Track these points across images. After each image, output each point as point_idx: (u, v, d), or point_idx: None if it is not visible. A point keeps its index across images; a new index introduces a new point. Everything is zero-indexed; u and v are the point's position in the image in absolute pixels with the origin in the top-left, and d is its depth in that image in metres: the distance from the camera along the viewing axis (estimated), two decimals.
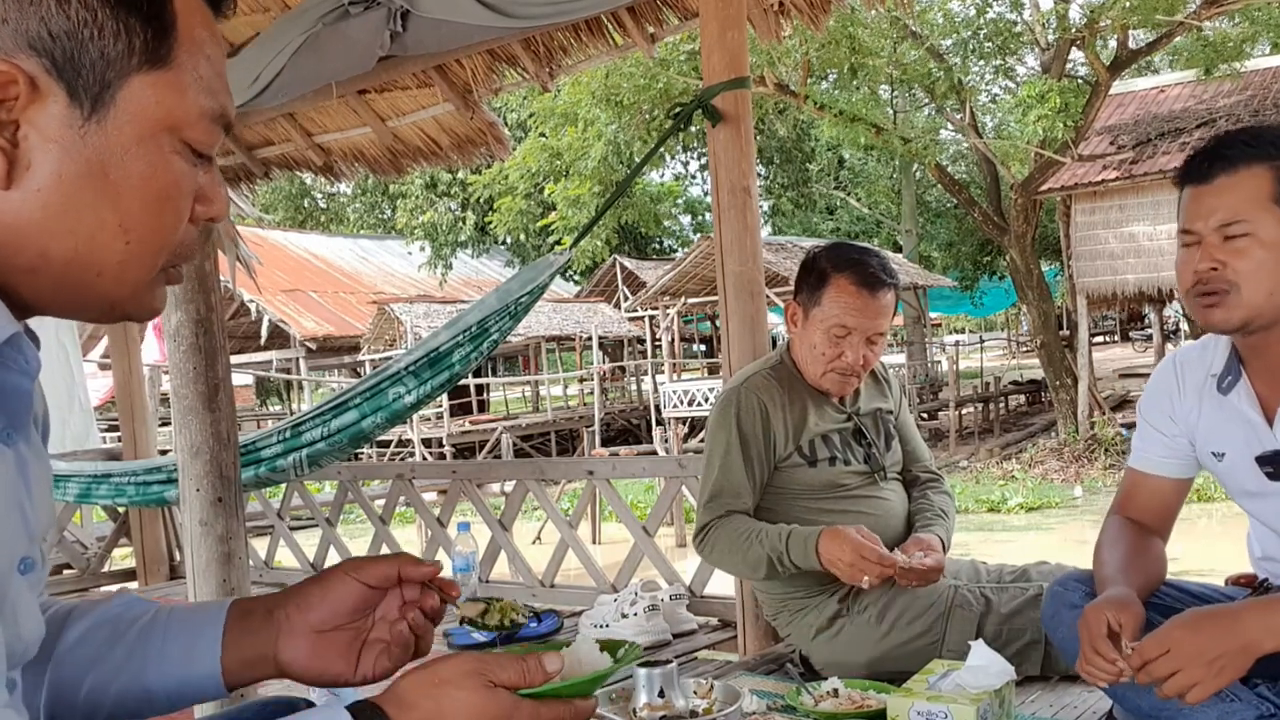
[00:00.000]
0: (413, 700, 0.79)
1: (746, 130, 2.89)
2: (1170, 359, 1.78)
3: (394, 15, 3.19)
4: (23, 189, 0.69)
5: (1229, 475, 1.69)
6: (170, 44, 0.72)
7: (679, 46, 13.07)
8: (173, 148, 0.74)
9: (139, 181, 0.72)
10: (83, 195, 0.70)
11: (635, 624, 3.00)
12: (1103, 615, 1.52)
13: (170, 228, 0.75)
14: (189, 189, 0.76)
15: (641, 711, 1.90)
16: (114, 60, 0.70)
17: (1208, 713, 1.58)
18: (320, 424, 3.66)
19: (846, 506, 2.42)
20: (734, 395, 2.44)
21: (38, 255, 0.71)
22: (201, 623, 0.93)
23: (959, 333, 33.19)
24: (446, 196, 23.10)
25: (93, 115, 0.70)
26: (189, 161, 0.75)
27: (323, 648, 0.93)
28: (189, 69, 0.74)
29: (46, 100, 0.68)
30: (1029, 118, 12.72)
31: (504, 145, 4.21)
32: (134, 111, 0.71)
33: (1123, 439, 13.26)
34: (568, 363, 24.46)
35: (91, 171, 0.70)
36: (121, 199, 0.72)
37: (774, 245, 17.58)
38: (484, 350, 3.46)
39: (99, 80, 0.69)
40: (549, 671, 0.83)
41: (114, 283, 0.74)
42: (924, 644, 2.25)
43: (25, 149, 0.69)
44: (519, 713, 0.81)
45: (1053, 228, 17.76)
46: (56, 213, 0.70)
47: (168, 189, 0.74)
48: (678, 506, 9.82)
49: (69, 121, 0.69)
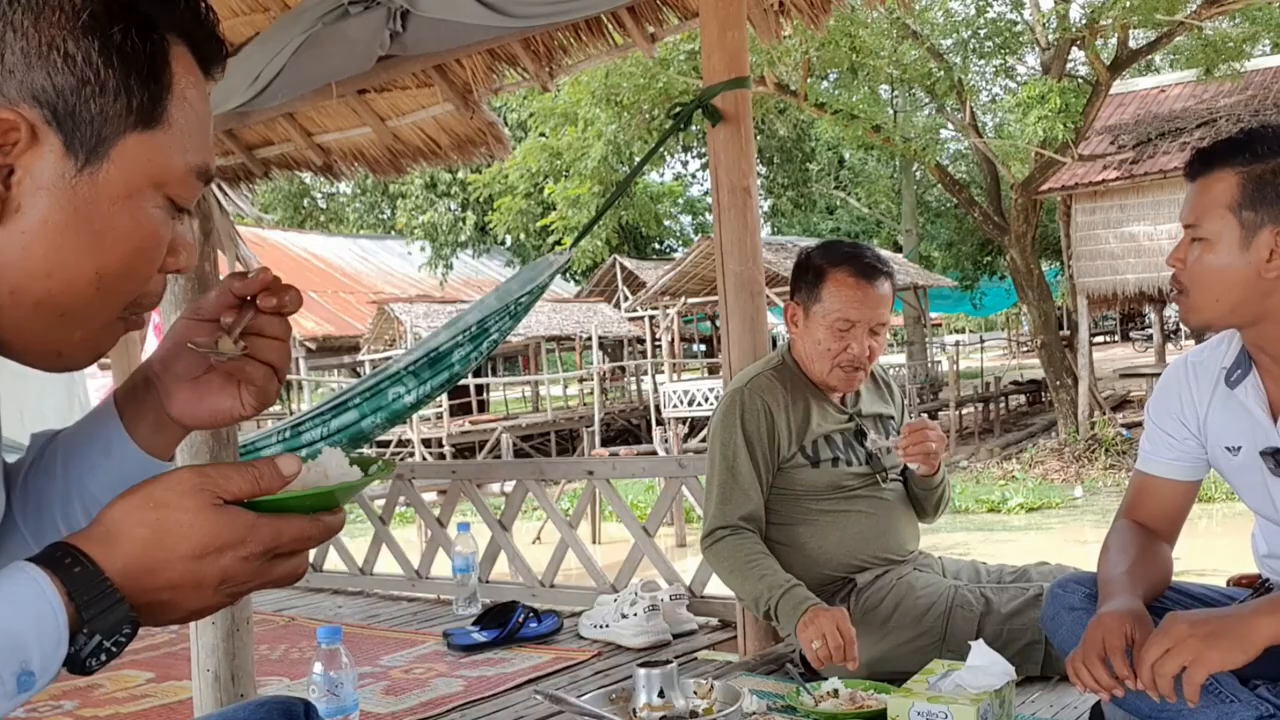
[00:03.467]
0: (123, 530, 0.68)
1: (746, 130, 2.89)
2: (1182, 359, 1.77)
3: (394, 15, 3.18)
4: (8, 229, 0.71)
5: (1241, 471, 1.68)
6: (164, 105, 0.75)
7: (679, 46, 13.06)
8: (155, 202, 0.76)
9: (122, 234, 0.74)
10: (66, 241, 0.72)
11: (635, 624, 3.00)
12: (1123, 628, 1.48)
13: (143, 277, 0.78)
14: (165, 241, 0.78)
15: (641, 711, 1.90)
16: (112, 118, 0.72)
17: (1207, 713, 1.58)
18: (320, 424, 3.66)
19: (848, 507, 2.42)
20: (738, 397, 2.43)
21: (8, 293, 0.73)
22: (102, 420, 0.92)
23: (959, 333, 33.18)
24: (446, 196, 23.10)
25: (85, 167, 0.72)
26: (169, 214, 0.78)
27: (202, 392, 0.89)
28: (179, 128, 0.76)
29: (43, 149, 0.71)
30: (1029, 117, 12.71)
31: (504, 145, 4.21)
32: (125, 167, 0.74)
33: (1123, 439, 13.26)
34: (568, 363, 24.46)
35: (77, 220, 0.72)
36: (102, 249, 0.74)
37: (774, 245, 17.57)
38: (484, 350, 3.46)
39: (95, 135, 0.72)
40: (285, 475, 0.72)
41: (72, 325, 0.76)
42: (925, 643, 2.25)
43: (17, 193, 0.71)
44: (256, 532, 0.69)
45: (1053, 227, 17.75)
46: (38, 256, 0.72)
47: (146, 241, 0.76)
48: (678, 506, 9.81)
49: (62, 171, 0.72)
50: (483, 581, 3.84)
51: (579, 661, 2.92)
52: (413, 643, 3.32)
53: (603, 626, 3.10)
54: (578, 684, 2.70)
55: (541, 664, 2.92)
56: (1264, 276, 1.51)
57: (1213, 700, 1.57)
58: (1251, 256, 1.50)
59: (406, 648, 3.26)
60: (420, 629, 3.52)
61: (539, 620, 3.23)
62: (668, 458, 5.53)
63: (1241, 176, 1.52)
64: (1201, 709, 1.57)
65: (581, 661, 2.92)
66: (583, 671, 2.83)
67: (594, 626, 3.14)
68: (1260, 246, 1.50)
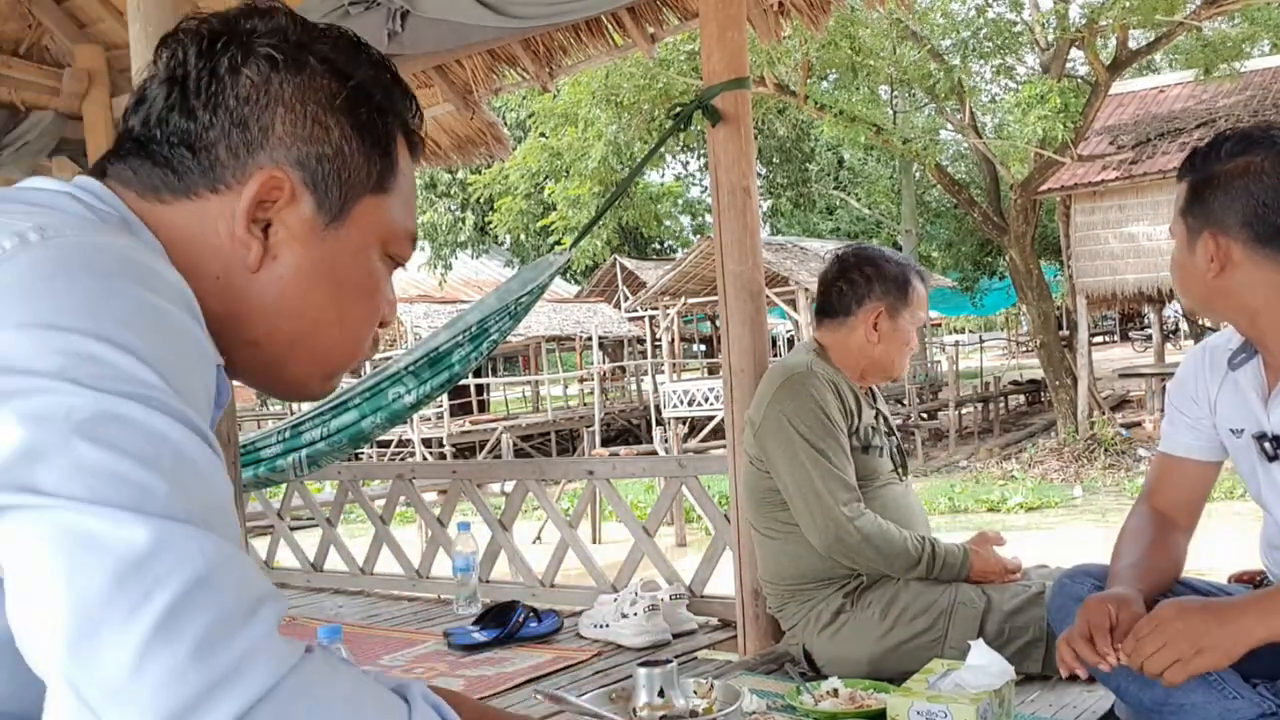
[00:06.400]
0: None
1: (746, 130, 2.89)
2: (1202, 345, 1.83)
3: (394, 15, 3.19)
4: (267, 274, 0.82)
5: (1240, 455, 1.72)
6: (393, 174, 0.87)
7: (679, 47, 13.06)
8: (380, 258, 0.88)
9: (357, 282, 0.86)
10: (314, 286, 0.84)
11: (635, 624, 3.00)
12: (1106, 607, 1.55)
13: (371, 324, 0.89)
14: (386, 293, 0.90)
15: (641, 711, 1.90)
16: (355, 183, 0.84)
17: (1208, 710, 1.59)
18: (320, 424, 3.66)
19: (875, 498, 2.42)
20: (802, 379, 2.41)
21: (265, 333, 0.84)
22: None
23: (959, 333, 33.20)
24: (446, 197, 23.10)
25: (332, 224, 0.83)
26: (388, 270, 0.90)
27: None
28: (400, 196, 0.88)
29: (299, 206, 0.82)
30: (1029, 118, 12.71)
31: (504, 145, 4.22)
32: (362, 225, 0.85)
33: (1122, 439, 13.26)
34: (568, 363, 24.47)
35: (323, 269, 0.84)
36: (342, 295, 0.85)
37: (774, 245, 17.58)
38: (484, 350, 3.46)
39: (342, 196, 0.83)
40: None
41: (318, 365, 0.88)
42: (926, 641, 2.26)
43: (274, 242, 0.82)
44: None
45: (1052, 228, 17.76)
46: (291, 298, 0.83)
47: (373, 291, 0.88)
48: (678, 506, 9.82)
49: (313, 226, 0.83)
50: (483, 581, 3.84)
51: (579, 661, 2.92)
52: (413, 642, 3.32)
53: (603, 626, 3.11)
54: (578, 683, 2.70)
55: (541, 663, 2.92)
56: (1207, 278, 1.61)
57: (1216, 697, 1.59)
58: (1197, 258, 1.61)
59: (407, 647, 3.26)
60: (421, 628, 3.52)
61: (539, 620, 3.23)
62: (668, 458, 5.53)
63: (1187, 182, 1.64)
64: (1204, 705, 1.59)
65: (581, 661, 2.92)
66: (583, 671, 2.84)
67: (594, 626, 3.14)
68: (1199, 249, 1.61)
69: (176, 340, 0.68)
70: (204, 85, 0.80)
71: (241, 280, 0.81)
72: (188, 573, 0.59)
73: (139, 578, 0.58)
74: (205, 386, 0.71)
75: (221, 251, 0.81)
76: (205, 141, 0.80)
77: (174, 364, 0.67)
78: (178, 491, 0.62)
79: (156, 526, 0.60)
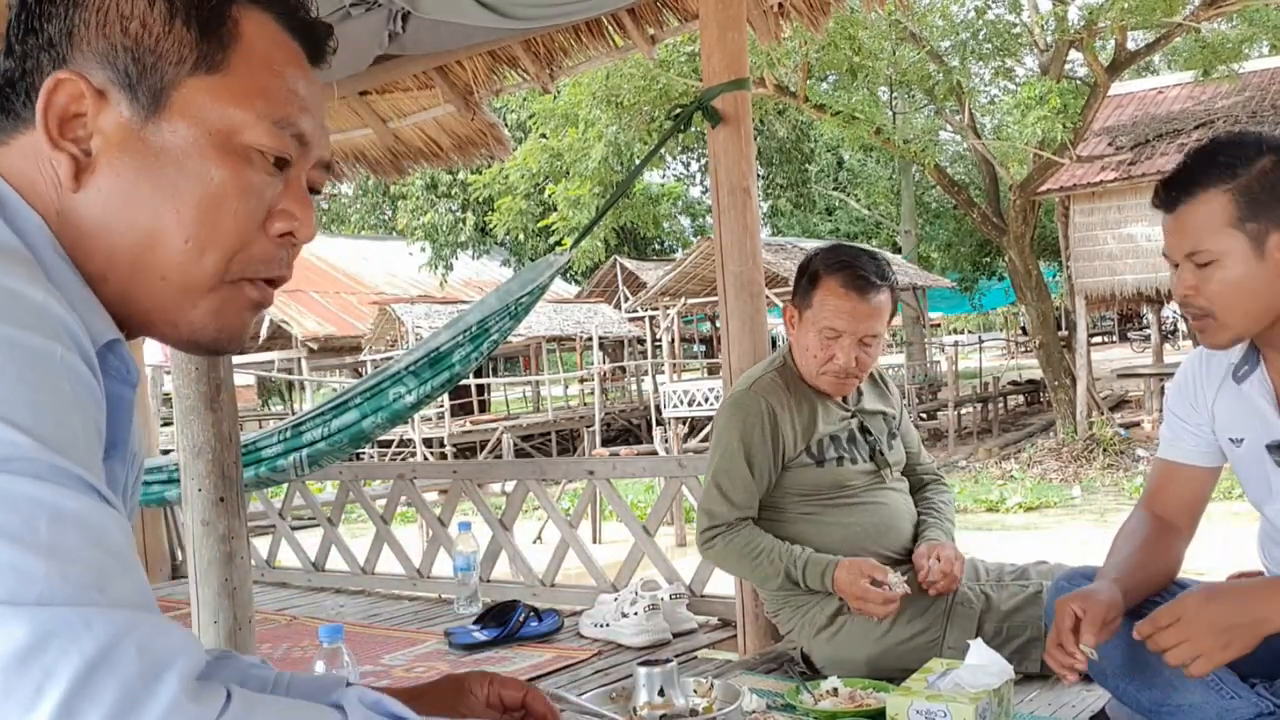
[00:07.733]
0: None
1: (746, 131, 2.90)
2: (1198, 351, 1.79)
3: (394, 16, 3.19)
4: (88, 190, 0.74)
5: (1243, 464, 1.71)
6: (226, 53, 0.77)
7: (679, 48, 13.06)
8: (238, 153, 0.76)
9: (195, 181, 0.75)
10: (139, 191, 0.74)
11: (635, 623, 3.01)
12: (1068, 608, 1.55)
13: (230, 231, 0.77)
14: (254, 196, 0.77)
15: (641, 710, 1.91)
16: (168, 66, 0.75)
17: (1206, 710, 1.60)
18: (321, 424, 3.66)
19: (851, 505, 2.43)
20: (741, 401, 2.43)
21: (105, 258, 0.75)
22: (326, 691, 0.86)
23: (958, 333, 33.19)
24: (447, 198, 23.08)
25: (150, 117, 0.74)
26: (264, 171, 0.78)
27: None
28: (244, 78, 0.77)
29: (113, 108, 0.74)
30: (1028, 119, 12.71)
31: (504, 146, 4.22)
32: (188, 114, 0.75)
33: (1120, 439, 13.26)
34: (568, 363, 24.46)
35: (148, 168, 0.74)
36: (178, 197, 0.75)
37: (774, 246, 17.58)
38: (484, 350, 3.46)
39: (157, 81, 0.74)
40: None
41: (179, 289, 0.76)
42: (925, 641, 2.26)
43: (95, 156, 0.74)
44: None
45: (1051, 228, 17.76)
46: (116, 208, 0.74)
47: (224, 191, 0.76)
48: (678, 506, 9.81)
49: (130, 124, 0.74)
50: (484, 581, 3.85)
51: (579, 660, 2.93)
52: (414, 641, 3.33)
53: (603, 625, 3.11)
54: (578, 683, 2.71)
55: (542, 663, 2.93)
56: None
57: (1214, 697, 1.59)
58: (1269, 261, 1.52)
59: (408, 646, 3.27)
60: (421, 628, 3.53)
61: (539, 619, 3.24)
62: (668, 458, 5.54)
63: (1231, 193, 1.52)
64: (1202, 705, 1.60)
65: (582, 660, 2.93)
66: (583, 670, 2.84)
67: (594, 625, 3.15)
68: (1274, 250, 1.51)
69: (42, 378, 0.61)
70: (18, 18, 0.75)
71: (70, 205, 0.74)
72: (78, 658, 0.55)
73: (25, 675, 0.54)
74: (87, 420, 0.64)
75: (53, 182, 0.74)
76: (22, 70, 0.74)
77: (42, 409, 0.60)
78: (57, 565, 0.57)
79: (35, 616, 0.55)
